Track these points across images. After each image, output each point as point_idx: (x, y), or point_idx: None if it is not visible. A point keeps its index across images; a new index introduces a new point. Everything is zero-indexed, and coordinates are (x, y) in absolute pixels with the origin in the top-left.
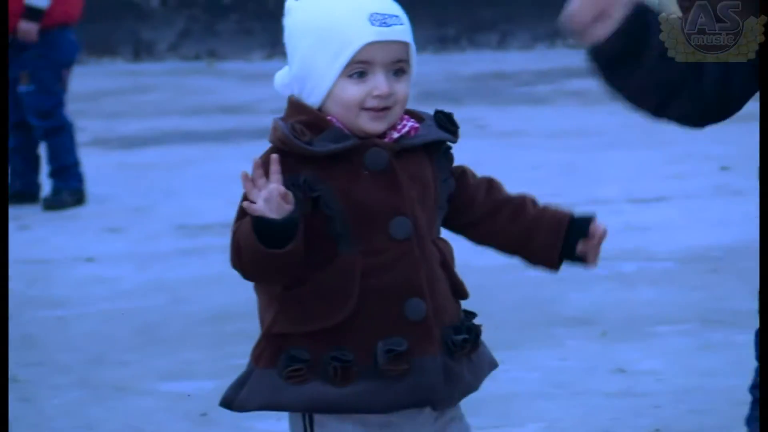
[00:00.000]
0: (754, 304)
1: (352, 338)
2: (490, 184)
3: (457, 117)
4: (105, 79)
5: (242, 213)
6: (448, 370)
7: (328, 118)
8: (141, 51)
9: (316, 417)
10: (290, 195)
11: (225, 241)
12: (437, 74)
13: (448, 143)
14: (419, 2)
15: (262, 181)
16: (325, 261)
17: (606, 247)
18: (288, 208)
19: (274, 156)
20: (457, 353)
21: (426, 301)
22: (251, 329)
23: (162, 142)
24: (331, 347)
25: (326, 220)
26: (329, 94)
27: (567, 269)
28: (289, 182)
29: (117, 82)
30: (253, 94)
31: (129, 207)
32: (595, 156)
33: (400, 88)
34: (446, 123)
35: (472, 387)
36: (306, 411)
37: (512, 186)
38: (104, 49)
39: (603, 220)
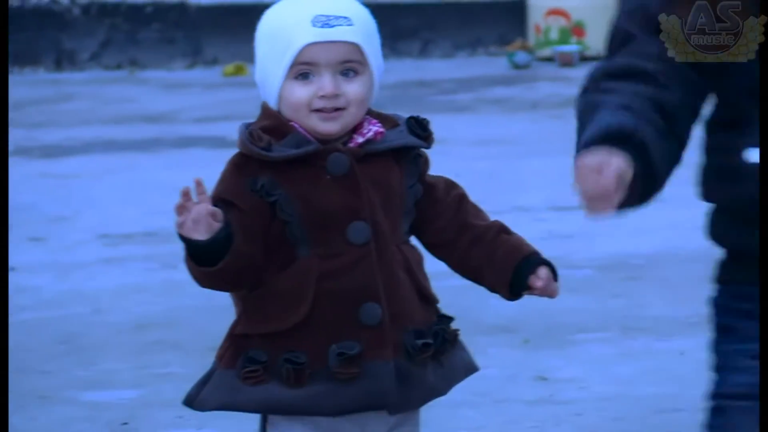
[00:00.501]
0: (673, 312)
1: (306, 341)
2: (461, 203)
3: None
4: (27, 88)
5: None
6: (405, 375)
7: (291, 123)
8: (63, 60)
9: (270, 417)
10: (219, 213)
11: (146, 250)
12: None
13: (421, 149)
14: None
15: (190, 203)
16: (284, 264)
17: None
18: (216, 226)
19: (198, 179)
20: (418, 357)
21: (382, 306)
22: (172, 338)
23: (84, 152)
24: (286, 349)
25: (284, 224)
26: (280, 98)
27: None
28: (247, 186)
29: (39, 91)
30: (175, 103)
31: (51, 216)
32: (517, 164)
33: (351, 88)
34: (417, 129)
35: (439, 391)
36: (260, 412)
37: None
38: (26, 58)
39: (525, 228)
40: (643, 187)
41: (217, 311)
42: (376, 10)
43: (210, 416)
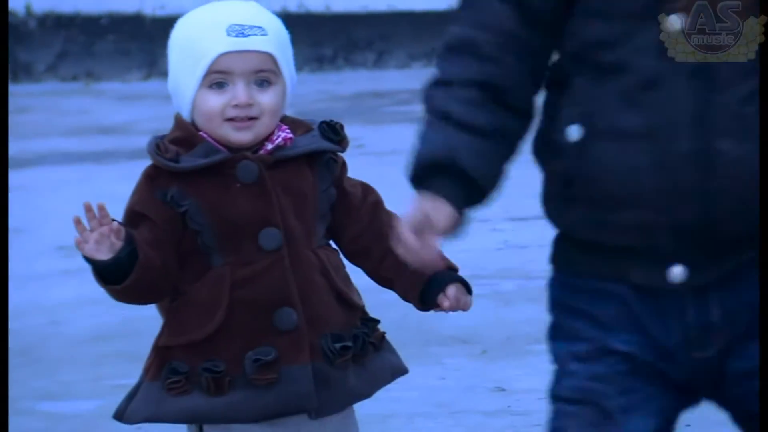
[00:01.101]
0: None
1: (224, 349)
2: (376, 210)
3: None
4: None
5: None
6: (324, 378)
7: (200, 133)
8: (19, 72)
9: (204, 427)
10: (122, 231)
11: None
12: (314, 94)
13: (334, 153)
14: (295, 22)
15: (94, 222)
16: (198, 274)
17: (485, 265)
18: (118, 245)
19: (100, 204)
20: (336, 361)
21: (297, 311)
22: (130, 350)
23: (40, 163)
24: (205, 358)
25: (195, 234)
26: (194, 107)
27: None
28: (159, 198)
29: None
30: (130, 114)
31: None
32: None
33: (265, 98)
34: (329, 133)
35: (361, 393)
36: (185, 422)
37: (391, 205)
38: None
39: (482, 239)
40: (475, 202)
41: None
42: (330, 23)
43: (171, 428)
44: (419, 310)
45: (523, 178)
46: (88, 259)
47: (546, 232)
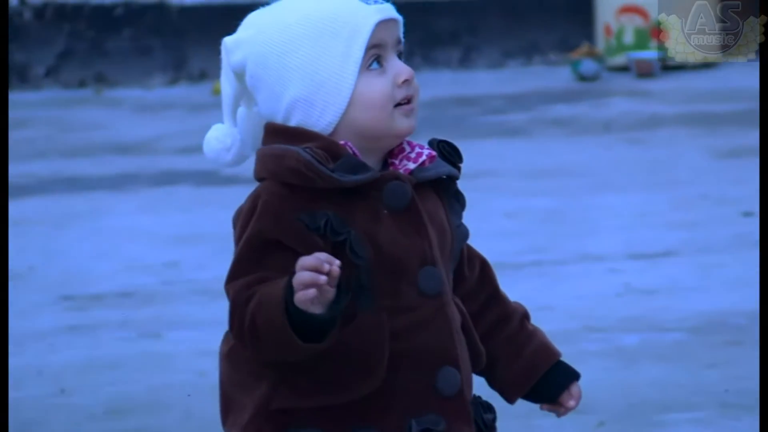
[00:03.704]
0: None
1: (379, 416)
2: (485, 266)
3: None
4: None
5: (240, 268)
6: None
7: (343, 143)
8: (12, 77)
9: None
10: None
11: (121, 314)
12: None
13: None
14: None
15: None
16: (343, 320)
17: (602, 315)
18: (332, 292)
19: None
20: None
21: (461, 371)
22: (155, 425)
23: (41, 191)
24: (353, 426)
25: (350, 269)
26: (352, 101)
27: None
28: (303, 222)
29: None
30: (154, 129)
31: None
32: (584, 200)
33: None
34: (452, 155)
35: None
36: None
37: (481, 240)
38: None
39: (597, 282)
40: None
41: (210, 391)
42: (405, 11)
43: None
44: (511, 402)
45: (646, 205)
46: (291, 309)
47: (675, 273)
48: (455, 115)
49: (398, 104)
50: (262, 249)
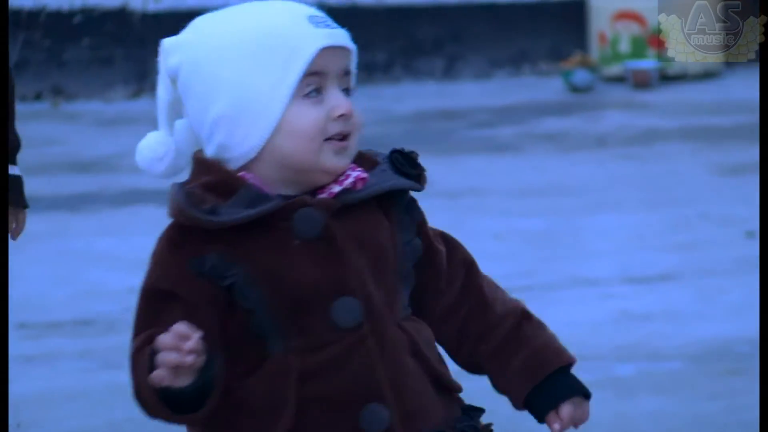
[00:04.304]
0: None
1: None
2: (471, 272)
3: None
4: None
5: (137, 324)
6: None
7: (241, 175)
8: None
9: None
10: (200, 345)
11: (80, 344)
12: (363, 113)
13: (411, 193)
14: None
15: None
16: (252, 366)
17: (596, 343)
18: (200, 361)
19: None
20: None
21: (389, 406)
22: None
23: None
24: None
25: (246, 314)
26: (278, 129)
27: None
28: (192, 269)
29: None
30: (115, 145)
31: None
32: (577, 221)
33: (355, 109)
34: (405, 166)
35: None
36: None
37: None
38: None
39: (591, 307)
40: None
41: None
42: (386, 19)
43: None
44: (517, 409)
45: (643, 226)
46: (156, 391)
47: (674, 298)
48: (439, 129)
49: (330, 138)
50: (156, 302)
